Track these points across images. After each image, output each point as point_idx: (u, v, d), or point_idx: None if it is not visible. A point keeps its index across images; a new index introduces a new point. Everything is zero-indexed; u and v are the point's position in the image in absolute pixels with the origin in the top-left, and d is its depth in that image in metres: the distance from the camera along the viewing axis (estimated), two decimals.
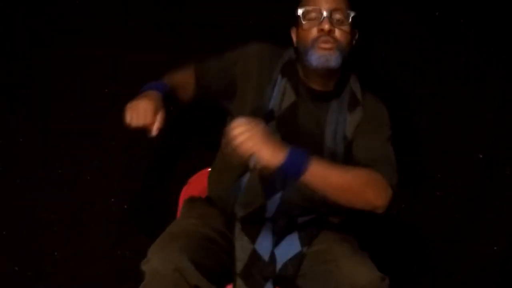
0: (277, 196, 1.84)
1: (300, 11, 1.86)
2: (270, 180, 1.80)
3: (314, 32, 1.82)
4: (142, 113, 1.77)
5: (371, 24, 2.43)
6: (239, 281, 1.79)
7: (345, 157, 1.85)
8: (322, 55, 1.80)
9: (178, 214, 2.16)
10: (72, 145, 2.44)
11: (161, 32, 2.42)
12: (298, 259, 1.83)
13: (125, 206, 2.46)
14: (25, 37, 2.41)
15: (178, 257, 1.67)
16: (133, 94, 2.41)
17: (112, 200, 2.45)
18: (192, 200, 2.07)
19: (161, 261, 1.67)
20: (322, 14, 1.81)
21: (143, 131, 1.82)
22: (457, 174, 2.47)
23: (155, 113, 1.78)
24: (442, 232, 2.47)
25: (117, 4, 2.42)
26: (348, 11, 1.84)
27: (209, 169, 2.14)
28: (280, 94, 1.86)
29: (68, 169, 2.45)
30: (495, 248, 2.47)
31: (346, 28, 1.84)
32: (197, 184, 2.25)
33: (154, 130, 1.79)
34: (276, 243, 1.85)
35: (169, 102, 1.93)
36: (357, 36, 1.94)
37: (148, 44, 2.42)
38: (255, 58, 1.91)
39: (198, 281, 1.69)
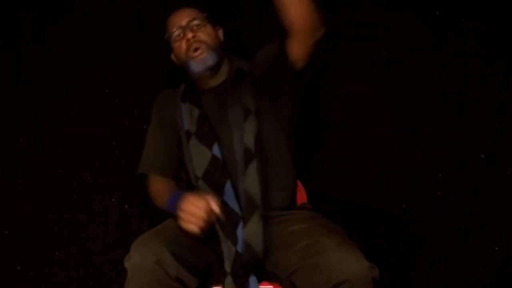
0: (227, 187, 1.93)
1: (166, 35, 2.10)
2: (214, 180, 1.94)
3: (183, 45, 2.06)
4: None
5: (373, 24, 2.45)
6: (229, 279, 1.84)
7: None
8: (199, 61, 2.03)
9: None
10: (72, 145, 2.45)
11: (161, 32, 2.42)
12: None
13: (125, 206, 2.46)
14: (25, 37, 2.42)
15: (158, 250, 1.71)
16: (133, 94, 2.44)
17: (112, 200, 2.46)
18: None
19: (141, 255, 1.71)
20: (182, 28, 2.05)
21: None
22: (458, 174, 2.46)
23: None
24: (442, 232, 2.46)
25: (117, 4, 2.42)
26: (201, 15, 2.08)
27: None
28: (188, 114, 2.05)
29: (68, 169, 2.45)
30: (496, 248, 2.46)
31: (206, 29, 2.07)
32: None
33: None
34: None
35: None
36: (222, 31, 2.16)
37: (148, 45, 2.43)
38: (158, 109, 2.17)
39: (178, 273, 1.72)
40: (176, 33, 2.07)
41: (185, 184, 2.07)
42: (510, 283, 2.45)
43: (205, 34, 2.05)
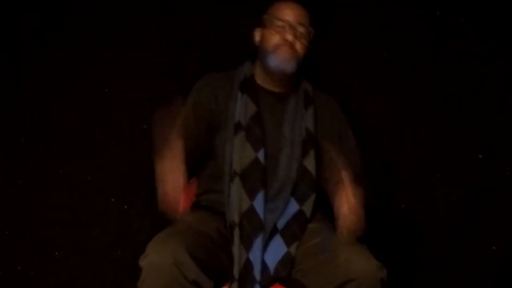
0: (260, 195, 1.91)
1: (267, 16, 2.03)
2: (250, 182, 1.91)
3: (277, 39, 1.99)
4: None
5: (373, 25, 2.45)
6: (235, 285, 1.82)
7: (303, 146, 2.00)
8: (281, 62, 1.99)
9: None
10: (72, 145, 2.45)
11: (161, 32, 2.42)
12: (287, 260, 1.87)
13: (125, 206, 2.46)
14: (25, 37, 2.42)
15: (177, 251, 1.69)
16: (133, 94, 2.43)
17: (112, 200, 2.46)
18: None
19: (159, 255, 1.68)
20: (289, 25, 1.99)
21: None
22: (457, 174, 2.47)
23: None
24: (442, 232, 2.47)
25: (117, 4, 2.42)
26: (310, 29, 2.03)
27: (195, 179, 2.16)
28: (244, 107, 2.00)
29: (68, 169, 2.45)
30: (494, 248, 2.47)
31: (305, 42, 2.02)
32: None
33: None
34: (263, 248, 1.88)
35: None
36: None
37: (148, 44, 2.42)
38: (209, 90, 2.06)
39: (196, 276, 1.70)
40: (280, 24, 1.99)
41: (212, 172, 2.05)
42: (510, 283, 2.46)
43: (302, 47, 2.00)
